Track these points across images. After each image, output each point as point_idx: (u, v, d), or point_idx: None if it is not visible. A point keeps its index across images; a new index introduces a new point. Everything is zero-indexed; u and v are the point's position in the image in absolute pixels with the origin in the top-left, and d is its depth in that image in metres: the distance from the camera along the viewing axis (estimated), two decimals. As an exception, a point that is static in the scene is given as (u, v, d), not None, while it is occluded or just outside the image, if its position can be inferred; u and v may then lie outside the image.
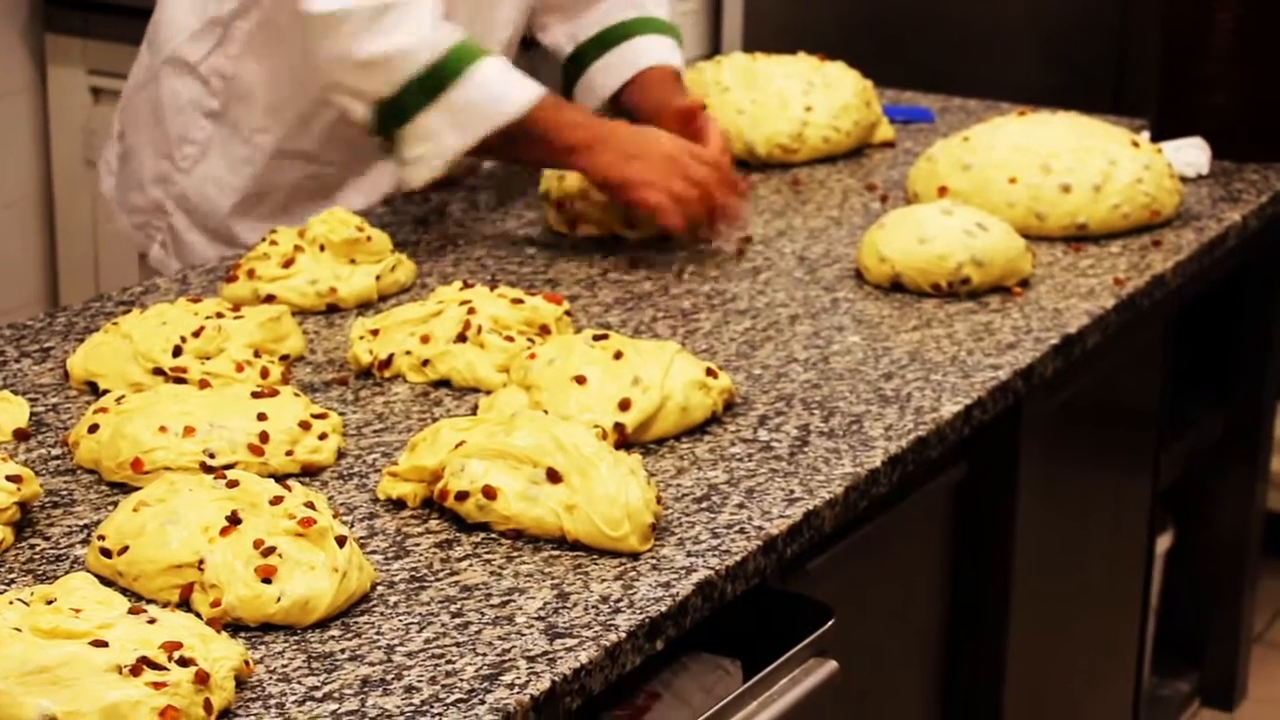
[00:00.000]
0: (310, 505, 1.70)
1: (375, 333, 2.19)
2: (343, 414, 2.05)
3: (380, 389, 2.13)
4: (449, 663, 1.59)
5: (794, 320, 2.36)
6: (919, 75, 3.62)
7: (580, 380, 2.00)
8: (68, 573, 1.66)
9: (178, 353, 2.08)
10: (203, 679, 1.48)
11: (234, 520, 1.67)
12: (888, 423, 2.07)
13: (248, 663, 1.54)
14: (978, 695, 2.44)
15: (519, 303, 2.20)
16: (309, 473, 1.91)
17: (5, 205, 3.93)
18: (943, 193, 2.69)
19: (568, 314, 2.25)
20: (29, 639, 1.47)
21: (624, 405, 1.99)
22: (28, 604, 1.52)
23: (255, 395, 1.95)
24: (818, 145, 2.98)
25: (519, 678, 1.56)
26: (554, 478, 1.80)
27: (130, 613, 1.52)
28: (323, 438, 1.94)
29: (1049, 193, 2.66)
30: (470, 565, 1.75)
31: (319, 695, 1.53)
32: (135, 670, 1.46)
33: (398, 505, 1.85)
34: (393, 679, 1.56)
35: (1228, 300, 3.18)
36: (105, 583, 1.62)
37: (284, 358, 2.17)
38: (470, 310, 2.17)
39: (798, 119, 2.97)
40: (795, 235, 2.67)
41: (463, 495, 1.80)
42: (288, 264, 2.35)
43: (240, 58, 2.63)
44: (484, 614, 1.66)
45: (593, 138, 2.47)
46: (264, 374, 2.09)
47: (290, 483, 1.75)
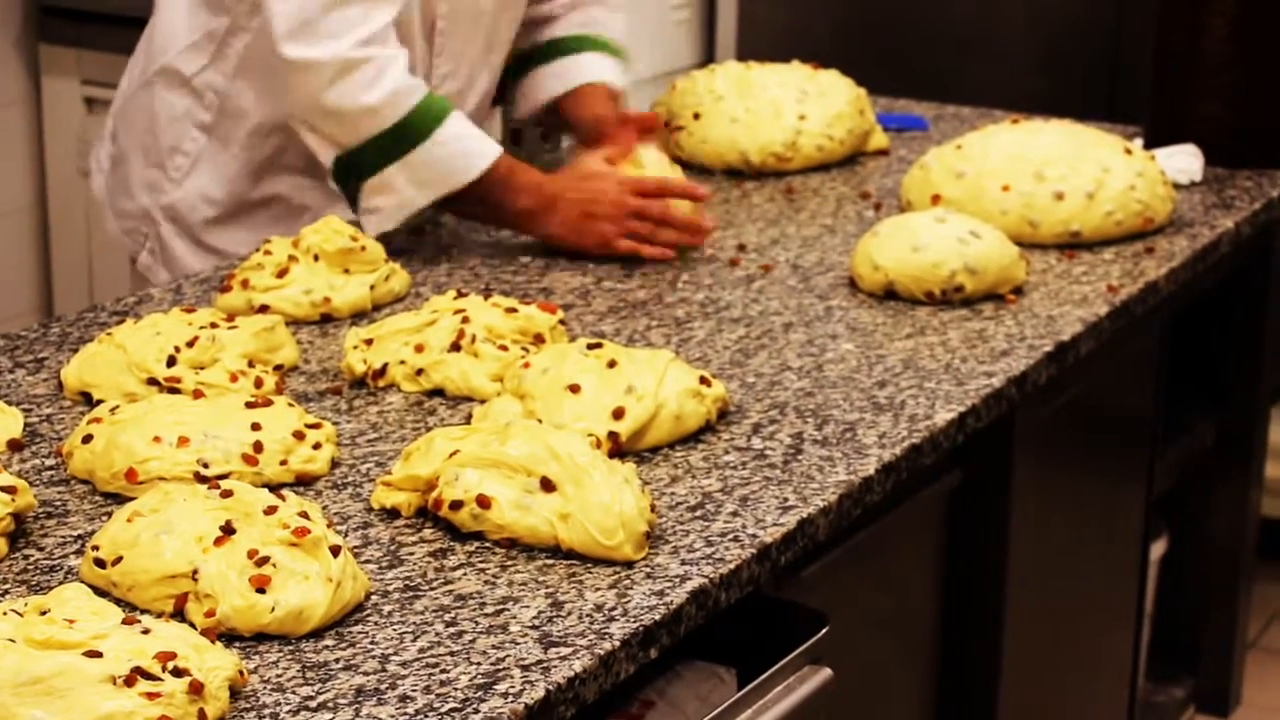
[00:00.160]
0: (304, 515, 1.70)
1: (369, 342, 2.19)
2: (337, 423, 2.05)
3: (374, 398, 2.13)
4: (443, 672, 1.59)
5: (788, 328, 2.36)
6: (912, 83, 3.63)
7: (574, 389, 2.01)
8: (62, 583, 1.66)
9: (172, 363, 2.08)
10: (197, 689, 1.48)
11: (228, 530, 1.67)
12: (881, 430, 2.07)
13: (242, 673, 1.54)
14: (972, 702, 2.44)
15: (513, 312, 2.20)
16: (303, 482, 1.91)
17: (-1, 215, 3.93)
18: (936, 200, 2.69)
19: (561, 323, 2.25)
20: (23, 650, 1.47)
21: (618, 414, 1.99)
22: (21, 615, 1.52)
23: (249, 405, 1.95)
24: (811, 153, 2.98)
25: (513, 686, 1.56)
26: (548, 487, 1.80)
27: (124, 623, 1.52)
28: (317, 447, 1.94)
29: (1042, 200, 2.67)
30: (464, 574, 1.75)
31: (313, 705, 1.53)
32: (129, 681, 1.46)
33: (392, 514, 1.86)
34: (387, 688, 1.56)
35: (1221, 306, 3.18)
36: (99, 593, 1.62)
37: (278, 367, 2.17)
38: (464, 319, 2.17)
39: (791, 127, 2.97)
40: (789, 243, 2.67)
41: (457, 504, 1.80)
42: (282, 274, 2.35)
43: (234, 74, 2.63)
44: (478, 623, 1.66)
45: (542, 203, 2.55)
46: (258, 384, 2.09)
47: (284, 492, 1.75)
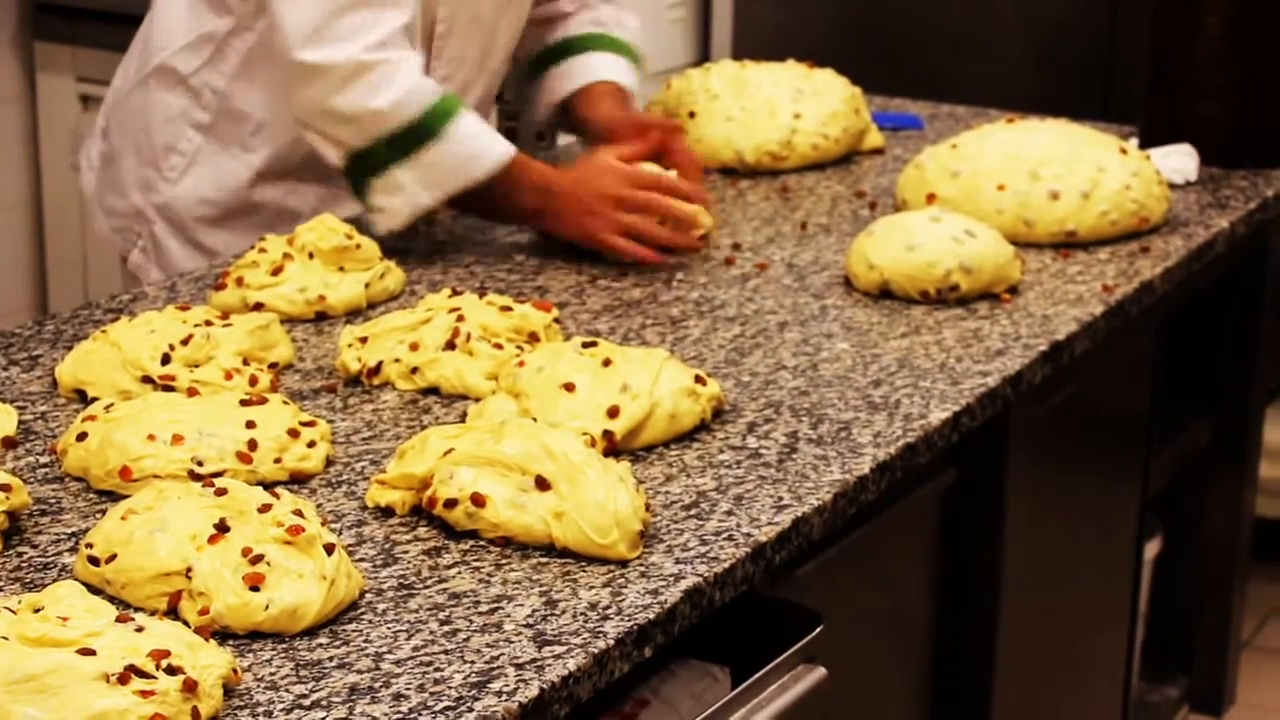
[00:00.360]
0: (299, 513, 1.70)
1: (364, 340, 2.19)
2: (331, 421, 2.05)
3: (369, 396, 2.13)
4: (437, 670, 1.58)
5: (783, 327, 2.36)
6: (908, 82, 3.63)
7: (569, 387, 2.01)
8: (55, 581, 1.65)
9: (166, 360, 2.08)
10: (190, 687, 1.48)
11: (222, 528, 1.67)
12: (876, 430, 2.07)
13: (236, 671, 1.54)
14: (967, 700, 2.44)
15: (508, 310, 2.20)
16: (297, 480, 1.91)
17: (-6, 213, 3.93)
18: (931, 200, 2.69)
19: (556, 321, 2.24)
20: (16, 647, 1.47)
21: (613, 412, 1.99)
22: (15, 612, 1.52)
23: (244, 403, 1.95)
24: (807, 152, 2.98)
25: (507, 685, 1.56)
26: (543, 485, 1.80)
27: (118, 621, 1.52)
28: (311, 445, 1.94)
29: (1037, 200, 2.67)
30: (459, 573, 1.75)
31: (307, 703, 1.53)
32: (123, 678, 1.46)
33: (386, 513, 1.85)
34: (381, 687, 1.56)
35: (1216, 306, 3.18)
36: (93, 591, 1.61)
37: (273, 365, 2.16)
38: (459, 318, 2.17)
39: (787, 126, 2.97)
40: (784, 242, 2.67)
41: (451, 503, 1.80)
42: (276, 272, 2.35)
43: (235, 75, 2.63)
44: (472, 621, 1.66)
45: (547, 202, 2.55)
46: (252, 382, 2.09)
47: (279, 490, 1.75)
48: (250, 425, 1.91)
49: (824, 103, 3.01)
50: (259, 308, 2.31)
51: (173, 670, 1.48)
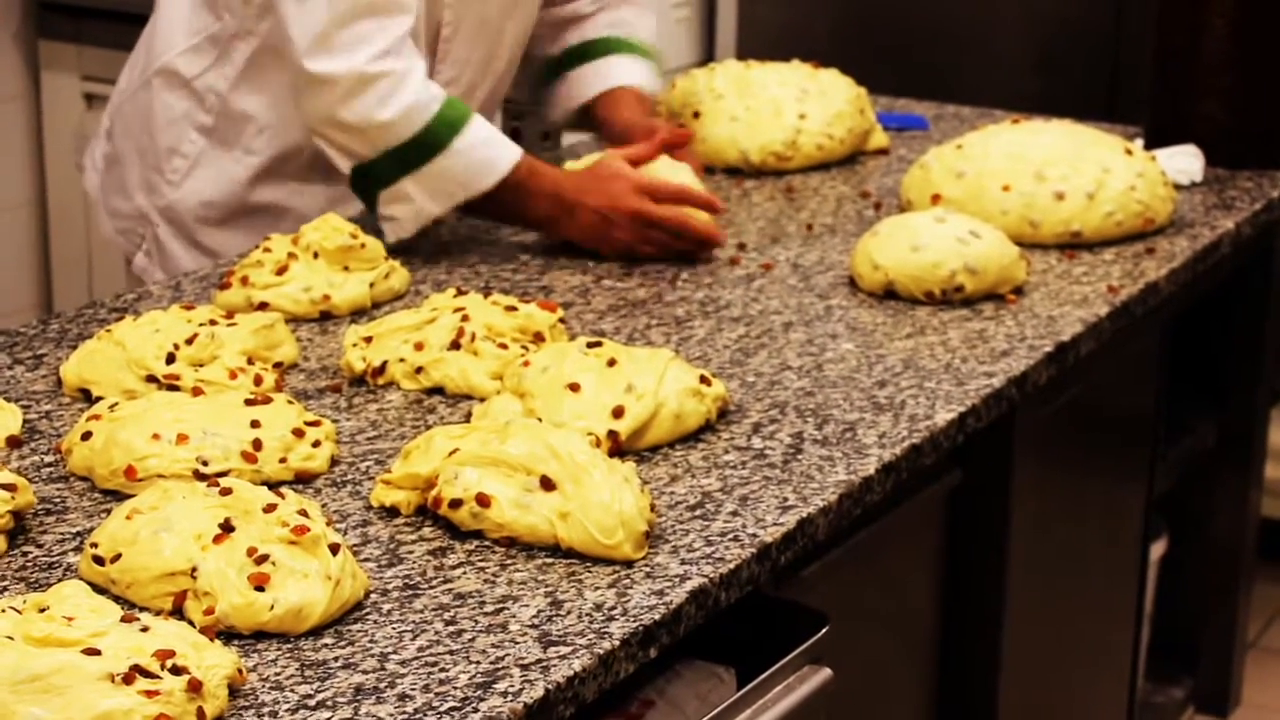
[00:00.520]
0: (303, 513, 1.69)
1: (369, 340, 2.19)
2: (336, 421, 2.05)
3: (374, 396, 2.13)
4: (442, 670, 1.58)
5: (788, 328, 2.36)
6: (913, 82, 3.63)
7: (574, 388, 2.00)
8: (60, 580, 1.65)
9: (171, 360, 2.07)
10: (195, 687, 1.47)
11: (227, 528, 1.67)
12: (881, 430, 2.07)
13: (241, 671, 1.54)
14: (972, 701, 2.44)
15: (513, 310, 2.20)
16: (302, 480, 1.91)
17: (-1, 211, 3.93)
18: (936, 200, 2.69)
19: (561, 321, 2.24)
20: (21, 647, 1.47)
21: (618, 413, 1.98)
22: (20, 612, 1.52)
23: (248, 403, 1.95)
24: (811, 153, 2.98)
25: (512, 686, 1.56)
26: (548, 485, 1.79)
27: (123, 621, 1.52)
28: (316, 445, 1.94)
29: (1043, 200, 2.66)
30: (464, 573, 1.74)
31: (312, 703, 1.53)
32: (128, 679, 1.45)
33: (391, 513, 1.85)
34: (386, 687, 1.56)
35: (1222, 307, 3.18)
36: (98, 590, 1.61)
37: (277, 365, 2.16)
38: (464, 317, 2.17)
39: (791, 126, 2.97)
40: (789, 243, 2.67)
41: (456, 503, 1.80)
42: (281, 271, 2.35)
43: (237, 78, 2.63)
44: (477, 622, 1.66)
45: (560, 210, 2.55)
46: (257, 381, 2.08)
47: (283, 490, 1.75)
48: (255, 425, 1.91)
49: (829, 103, 3.00)
50: (264, 307, 2.31)
51: (178, 670, 1.48)
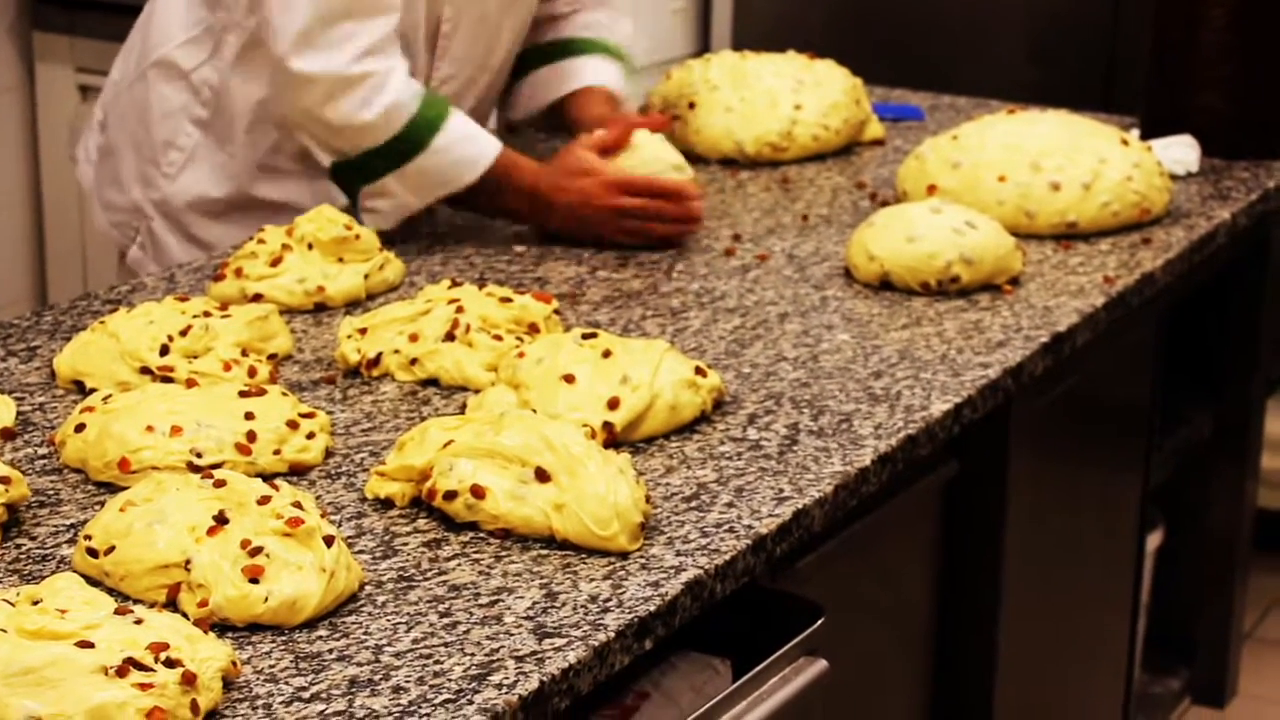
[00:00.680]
0: (298, 505, 1.69)
1: (363, 331, 2.18)
2: (330, 413, 2.05)
3: (368, 388, 2.13)
4: (437, 663, 1.58)
5: (783, 319, 2.35)
6: (908, 73, 3.62)
7: (569, 379, 2.00)
8: (54, 573, 1.65)
9: (165, 352, 2.07)
10: (189, 680, 1.47)
11: (221, 520, 1.66)
12: (877, 421, 2.06)
13: (235, 663, 1.54)
14: (968, 693, 2.43)
15: (507, 301, 2.20)
16: (296, 472, 1.90)
17: (-7, 204, 3.92)
18: (932, 191, 2.69)
19: (556, 312, 2.24)
20: (14, 640, 1.46)
21: (613, 404, 1.98)
22: (13, 604, 1.51)
23: (243, 394, 1.94)
24: (807, 143, 2.97)
25: (507, 678, 1.56)
26: (542, 477, 1.79)
27: (117, 613, 1.52)
28: (310, 437, 1.93)
29: (1038, 191, 2.66)
30: (458, 565, 1.74)
31: (306, 696, 1.53)
32: (121, 671, 1.45)
33: (386, 505, 1.85)
34: (380, 679, 1.55)
35: (1218, 298, 3.18)
36: (92, 583, 1.61)
37: (272, 357, 2.16)
38: (459, 309, 2.17)
39: (787, 117, 2.96)
40: (784, 233, 2.66)
41: (451, 494, 1.80)
42: (275, 262, 2.34)
43: (231, 71, 2.62)
44: (472, 614, 1.66)
45: (535, 206, 2.57)
46: (251, 373, 2.08)
47: (278, 482, 1.75)
48: (249, 417, 1.90)
49: (824, 94, 3.00)
50: (258, 299, 2.30)
51: (172, 663, 1.47)
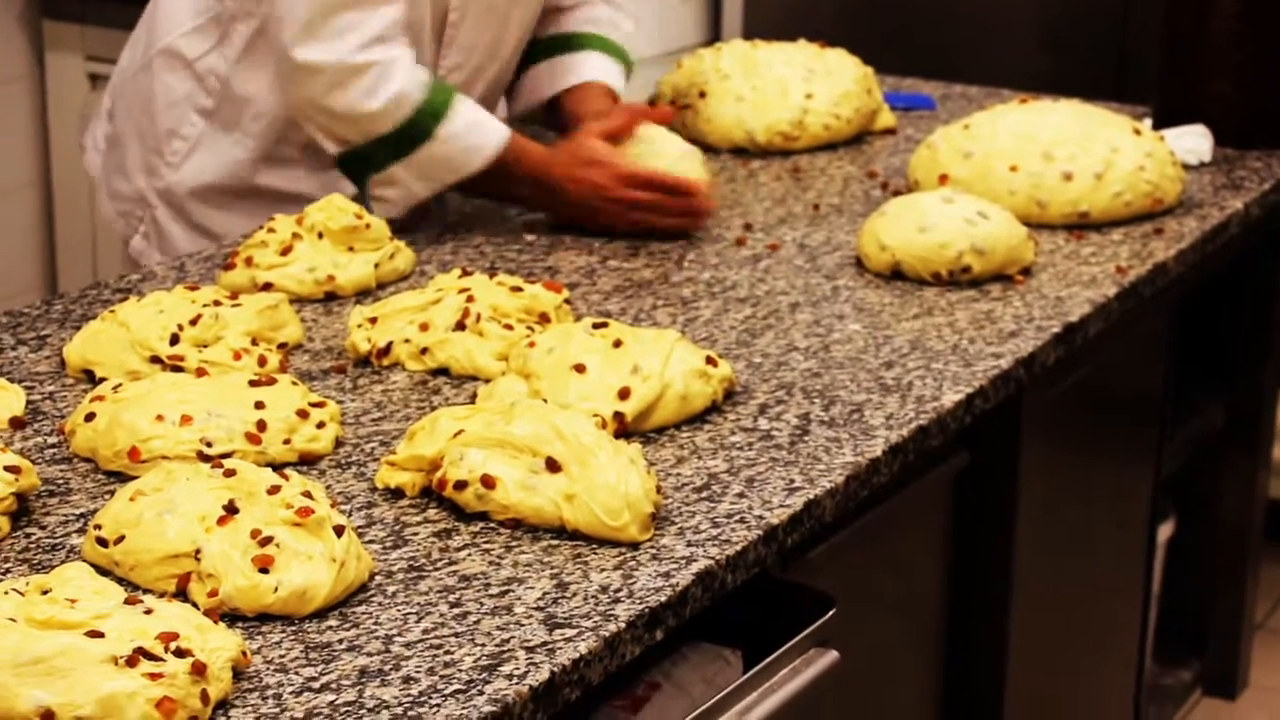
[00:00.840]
0: (308, 494, 1.69)
1: (374, 321, 2.18)
2: (341, 402, 2.04)
3: (378, 377, 2.12)
4: (447, 653, 1.58)
5: (794, 308, 2.35)
6: (920, 62, 3.61)
7: (580, 369, 2.00)
8: (64, 562, 1.65)
9: (175, 341, 2.07)
10: (199, 670, 1.47)
11: (231, 510, 1.66)
12: (889, 411, 2.06)
13: (245, 653, 1.54)
14: (979, 684, 2.43)
15: (518, 290, 2.19)
16: (307, 461, 1.90)
17: (3, 193, 3.92)
18: (944, 180, 2.68)
19: (567, 302, 2.24)
20: (24, 629, 1.46)
21: (623, 394, 1.98)
22: (23, 594, 1.51)
23: (253, 384, 1.94)
24: (818, 132, 2.97)
25: (518, 668, 1.55)
26: (553, 467, 1.79)
27: (127, 603, 1.52)
28: (321, 426, 1.93)
29: (1050, 180, 2.65)
30: (469, 555, 1.74)
31: (316, 686, 1.53)
32: (131, 661, 1.45)
33: (396, 494, 1.85)
34: (391, 669, 1.55)
35: (1230, 288, 3.17)
36: (102, 572, 1.61)
37: (282, 346, 2.16)
38: (469, 298, 2.16)
39: (798, 106, 2.96)
40: (796, 223, 2.66)
41: (461, 484, 1.79)
42: (286, 251, 2.34)
43: (238, 60, 2.62)
44: (483, 604, 1.65)
45: (542, 193, 2.57)
46: (262, 362, 2.08)
47: (288, 472, 1.74)
48: (259, 406, 1.90)
49: (836, 83, 2.99)
50: (268, 288, 2.30)
51: (181, 653, 1.47)
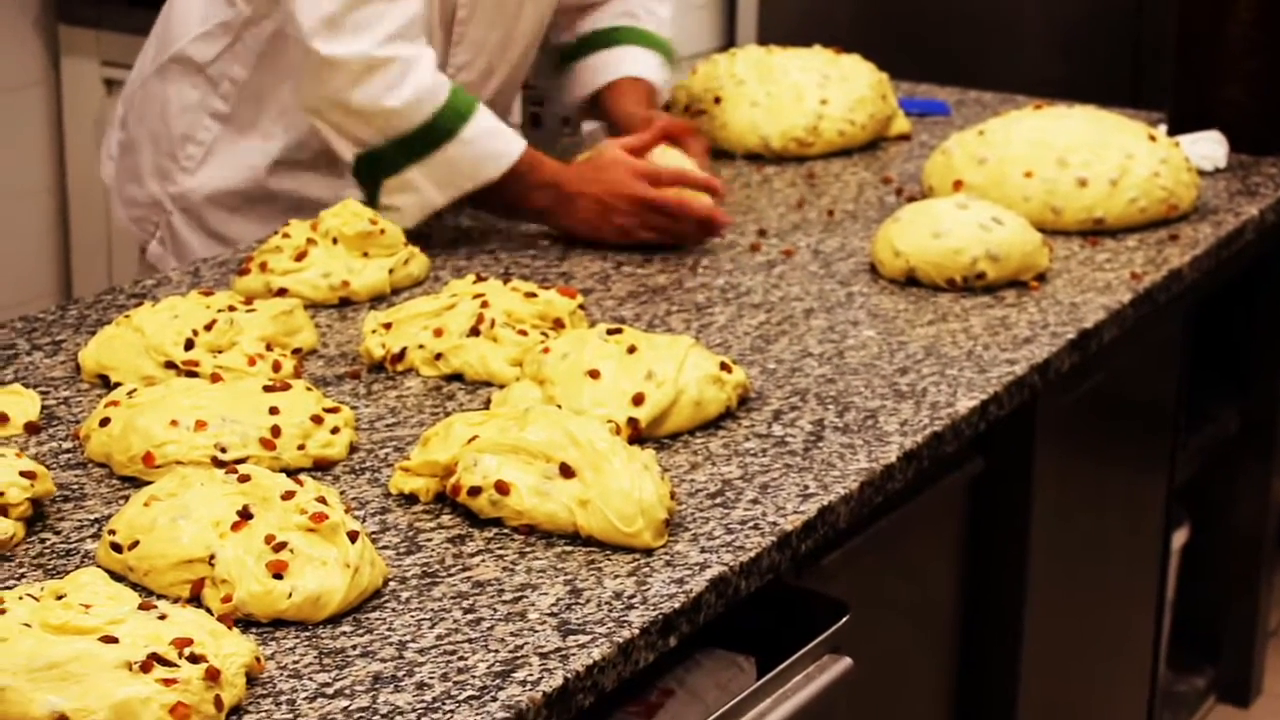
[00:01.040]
0: (322, 500, 1.69)
1: (388, 326, 2.18)
2: (355, 408, 2.04)
3: (393, 383, 2.12)
4: (461, 659, 1.58)
5: (809, 314, 2.35)
6: (934, 68, 3.62)
7: (594, 374, 2.00)
8: (78, 568, 1.65)
9: (189, 346, 2.07)
10: (213, 675, 1.47)
11: (245, 515, 1.66)
12: (903, 418, 2.06)
13: (259, 659, 1.54)
14: (993, 690, 2.43)
15: (532, 296, 2.19)
16: (321, 467, 1.90)
17: (18, 197, 3.92)
18: (958, 186, 2.68)
19: (581, 308, 2.24)
20: (39, 635, 1.46)
21: (638, 400, 1.98)
22: (38, 599, 1.51)
23: (267, 389, 1.94)
24: (833, 138, 2.97)
25: (531, 674, 1.55)
26: (567, 473, 1.79)
27: (141, 608, 1.52)
28: (335, 432, 1.93)
29: (1065, 187, 2.65)
30: (482, 561, 1.74)
31: (330, 692, 1.53)
32: (145, 667, 1.45)
33: (410, 500, 1.85)
34: (404, 675, 1.55)
35: (1245, 294, 3.17)
36: (116, 578, 1.61)
37: (296, 351, 2.16)
38: (483, 304, 2.16)
39: (813, 112, 2.96)
40: (810, 229, 2.66)
41: (475, 490, 1.79)
42: (300, 257, 2.34)
43: (252, 65, 2.62)
44: (496, 610, 1.65)
45: (558, 202, 2.54)
46: (276, 367, 2.08)
47: (302, 477, 1.74)
48: (274, 411, 1.90)
49: (850, 88, 2.99)
50: (283, 293, 2.30)
51: (195, 658, 1.47)
